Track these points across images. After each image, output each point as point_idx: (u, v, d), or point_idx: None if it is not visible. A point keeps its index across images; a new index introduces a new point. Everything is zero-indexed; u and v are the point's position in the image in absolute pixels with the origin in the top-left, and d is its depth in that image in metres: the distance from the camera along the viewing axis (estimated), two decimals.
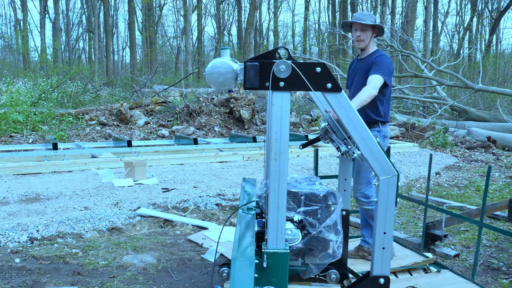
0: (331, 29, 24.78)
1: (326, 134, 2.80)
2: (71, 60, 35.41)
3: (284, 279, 2.09)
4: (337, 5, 35.18)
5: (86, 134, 10.91)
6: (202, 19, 40.26)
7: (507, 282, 3.35)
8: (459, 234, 4.47)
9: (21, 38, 32.62)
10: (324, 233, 2.42)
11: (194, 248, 4.06)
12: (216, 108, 13.11)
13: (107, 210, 5.04)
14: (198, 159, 8.31)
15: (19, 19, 36.28)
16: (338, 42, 24.18)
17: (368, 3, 35.01)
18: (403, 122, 12.57)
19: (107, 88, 17.48)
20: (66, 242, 4.12)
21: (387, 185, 2.15)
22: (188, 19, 28.51)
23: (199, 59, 36.51)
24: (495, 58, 27.13)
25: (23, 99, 11.72)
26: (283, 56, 2.36)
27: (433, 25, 31.55)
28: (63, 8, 36.97)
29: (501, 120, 13.10)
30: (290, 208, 2.44)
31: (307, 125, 13.18)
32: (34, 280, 3.30)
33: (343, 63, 19.96)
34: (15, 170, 7.02)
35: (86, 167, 7.47)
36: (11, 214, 4.86)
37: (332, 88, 2.08)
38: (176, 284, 3.31)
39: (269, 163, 2.08)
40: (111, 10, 37.07)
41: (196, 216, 4.99)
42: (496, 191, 6.35)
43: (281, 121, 2.04)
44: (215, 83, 2.37)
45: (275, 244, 2.09)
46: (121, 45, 43.48)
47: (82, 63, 34.20)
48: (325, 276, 2.76)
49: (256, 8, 20.99)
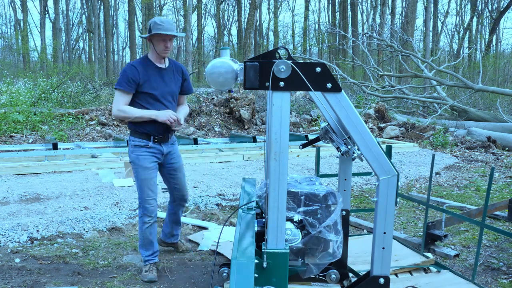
0: (331, 29, 24.79)
1: (326, 134, 2.80)
2: (71, 60, 35.43)
3: (284, 279, 2.09)
4: (337, 5, 35.18)
5: (86, 134, 10.91)
6: (202, 19, 40.29)
7: (507, 282, 3.35)
8: (459, 234, 4.47)
9: (21, 38, 32.64)
10: (324, 233, 2.42)
11: (194, 248, 4.06)
12: (216, 108, 13.11)
13: (107, 210, 5.04)
14: (198, 159, 8.31)
15: (19, 19, 36.31)
16: (338, 42, 24.20)
17: (368, 3, 35.04)
18: (403, 122, 12.57)
19: (107, 88, 17.49)
20: (66, 242, 4.12)
21: (387, 185, 2.15)
22: (188, 19, 28.49)
23: (199, 59, 36.51)
24: (495, 58, 27.14)
25: (23, 99, 11.72)
26: (283, 56, 2.36)
27: (433, 25, 31.56)
28: (63, 8, 37.00)
29: (501, 120, 13.10)
30: (290, 208, 2.44)
31: (307, 125, 13.18)
32: (34, 280, 3.30)
33: (343, 63, 19.99)
34: (15, 170, 7.01)
35: (86, 167, 7.47)
36: (11, 214, 4.86)
37: (332, 88, 2.09)
38: (176, 284, 3.31)
39: (269, 163, 2.08)
40: (111, 10, 37.08)
41: (196, 216, 4.99)
42: (496, 191, 6.35)
43: (281, 121, 2.04)
44: (215, 83, 2.37)
45: (275, 244, 2.09)
46: (121, 45, 43.55)
47: (82, 63, 34.21)
48: (325, 276, 2.76)
49: (256, 8, 20.99)
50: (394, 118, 13.72)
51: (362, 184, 6.70)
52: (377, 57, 21.37)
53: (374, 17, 33.15)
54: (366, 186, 6.61)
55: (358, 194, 6.14)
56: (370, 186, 6.57)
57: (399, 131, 11.83)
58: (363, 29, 32.58)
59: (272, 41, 40.26)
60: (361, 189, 6.45)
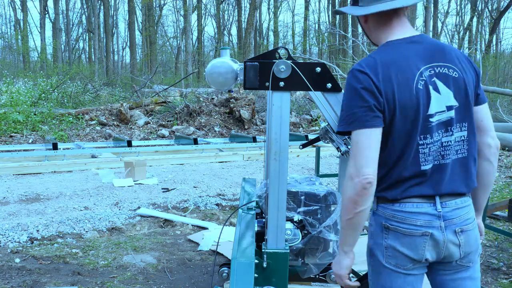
0: (331, 29, 24.78)
1: (326, 134, 2.79)
2: (71, 60, 35.42)
3: (284, 279, 2.09)
4: (337, 5, 35.18)
5: (86, 134, 10.91)
6: (202, 19, 40.27)
7: (507, 282, 3.35)
8: None
9: (21, 38, 32.62)
10: (324, 233, 2.41)
11: (194, 248, 4.06)
12: (216, 108, 13.11)
13: (107, 210, 5.04)
14: (198, 159, 8.31)
15: (19, 19, 36.27)
16: (338, 42, 24.19)
17: None
18: None
19: (107, 88, 17.49)
20: (66, 242, 4.12)
21: None
22: (188, 19, 28.50)
23: (199, 59, 36.50)
24: (495, 58, 27.13)
25: (23, 99, 11.72)
26: (283, 56, 2.36)
27: (433, 25, 31.53)
28: (63, 8, 36.99)
29: (501, 120, 13.09)
30: (290, 208, 2.44)
31: (307, 125, 13.18)
32: (34, 280, 3.30)
33: (343, 63, 19.97)
34: (15, 170, 7.01)
35: (86, 167, 7.47)
36: (11, 214, 4.86)
37: (332, 88, 2.08)
38: (176, 284, 3.31)
39: (269, 163, 2.08)
40: (111, 10, 37.08)
41: (196, 216, 4.99)
42: (496, 191, 6.35)
43: (281, 121, 2.04)
44: (215, 83, 2.37)
45: (275, 244, 2.09)
46: (121, 45, 43.51)
47: (82, 63, 34.18)
48: (325, 276, 2.76)
49: (256, 8, 20.99)
50: None
51: None
52: None
53: None
54: None
55: None
56: None
57: None
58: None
59: (272, 41, 40.26)
60: None
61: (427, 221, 1.62)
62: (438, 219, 1.62)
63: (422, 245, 1.63)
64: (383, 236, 1.69)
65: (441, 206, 1.63)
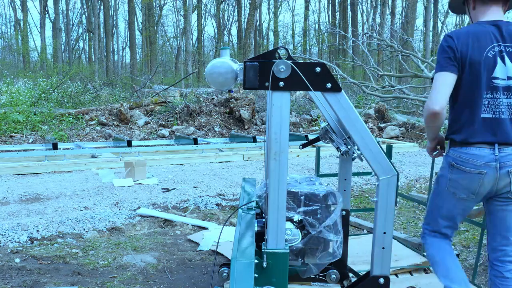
0: (331, 29, 24.79)
1: (326, 134, 2.80)
2: (71, 60, 35.42)
3: (284, 279, 2.09)
4: (337, 5, 35.17)
5: (86, 134, 10.91)
6: (202, 19, 40.27)
7: None
8: (459, 234, 4.47)
9: (21, 38, 32.64)
10: (324, 233, 2.41)
11: (194, 248, 4.06)
12: (216, 108, 13.11)
13: (107, 210, 5.04)
14: (198, 159, 8.31)
15: (19, 19, 36.28)
16: (338, 42, 24.19)
17: (368, 3, 35.04)
18: (403, 122, 12.56)
19: (107, 88, 17.49)
20: (66, 242, 4.12)
21: (387, 185, 2.15)
22: (188, 19, 28.51)
23: (199, 59, 36.50)
24: None
25: (23, 99, 11.72)
26: (283, 56, 2.36)
27: (433, 25, 31.54)
28: (63, 8, 36.99)
29: None
30: (290, 208, 2.44)
31: (307, 125, 13.18)
32: (34, 280, 3.30)
33: (343, 63, 19.98)
34: (15, 170, 7.02)
35: (86, 167, 7.47)
36: (11, 214, 4.86)
37: (332, 88, 2.08)
38: (176, 284, 3.31)
39: (269, 163, 2.08)
40: (111, 10, 37.08)
41: (196, 216, 4.99)
42: None
43: (281, 121, 2.04)
44: (215, 83, 2.37)
45: (275, 244, 2.09)
46: (121, 45, 43.51)
47: (82, 63, 34.18)
48: (325, 276, 2.76)
49: (256, 8, 20.99)
50: (394, 118, 13.72)
51: (362, 184, 6.70)
52: (377, 57, 21.36)
53: (374, 17, 33.14)
54: (366, 186, 6.61)
55: (358, 194, 6.14)
56: (370, 186, 6.57)
57: (399, 131, 11.83)
58: (363, 29, 32.58)
59: (272, 41, 40.26)
60: (361, 189, 6.45)
61: (486, 163, 2.19)
62: (495, 162, 2.18)
63: (478, 181, 2.21)
64: (448, 171, 2.32)
65: (498, 152, 2.18)
